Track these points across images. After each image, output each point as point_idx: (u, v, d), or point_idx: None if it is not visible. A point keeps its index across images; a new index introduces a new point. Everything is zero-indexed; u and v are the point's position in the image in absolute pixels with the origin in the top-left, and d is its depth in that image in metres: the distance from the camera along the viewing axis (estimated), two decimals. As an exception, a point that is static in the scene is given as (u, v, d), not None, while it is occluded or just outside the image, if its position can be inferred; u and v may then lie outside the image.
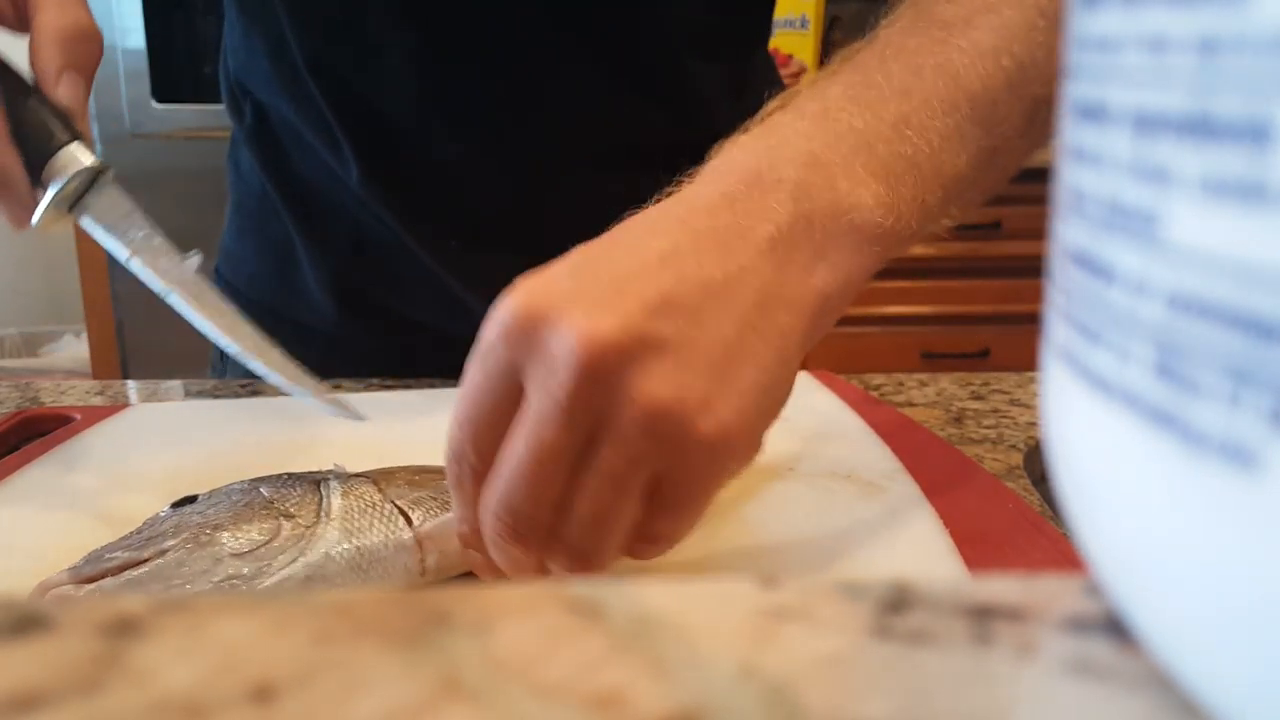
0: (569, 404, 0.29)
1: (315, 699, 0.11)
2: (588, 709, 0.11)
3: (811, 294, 0.32)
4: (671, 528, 0.32)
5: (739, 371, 0.30)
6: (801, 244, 0.32)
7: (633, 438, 0.29)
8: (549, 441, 0.29)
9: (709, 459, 0.30)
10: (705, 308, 0.30)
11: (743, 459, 0.32)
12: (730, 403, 0.30)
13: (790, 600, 0.14)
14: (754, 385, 0.31)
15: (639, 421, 0.29)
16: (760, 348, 0.31)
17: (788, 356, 0.32)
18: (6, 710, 0.11)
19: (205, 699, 0.11)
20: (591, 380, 0.29)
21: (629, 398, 0.29)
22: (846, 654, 0.12)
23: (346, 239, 0.68)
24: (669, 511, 0.31)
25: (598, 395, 0.29)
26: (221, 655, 0.12)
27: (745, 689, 0.12)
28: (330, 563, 0.34)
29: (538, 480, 0.30)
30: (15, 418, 0.55)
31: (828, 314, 0.33)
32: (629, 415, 0.29)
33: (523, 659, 0.12)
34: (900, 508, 0.40)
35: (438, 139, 0.62)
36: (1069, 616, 0.13)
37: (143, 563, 0.33)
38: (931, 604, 0.14)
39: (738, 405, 0.30)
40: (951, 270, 1.98)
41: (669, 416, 0.29)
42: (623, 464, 0.29)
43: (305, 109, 0.64)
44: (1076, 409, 0.12)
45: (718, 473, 0.31)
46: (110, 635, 0.12)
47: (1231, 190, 0.10)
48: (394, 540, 0.35)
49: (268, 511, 0.36)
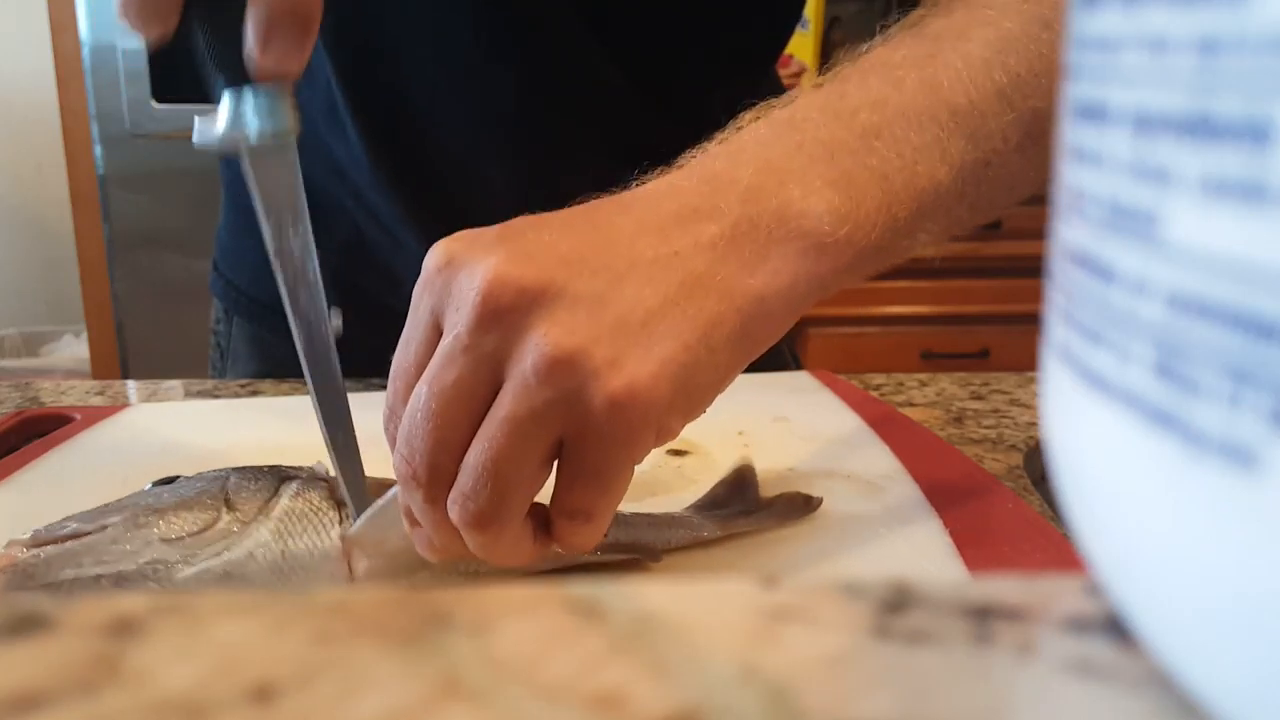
0: (469, 341, 0.29)
1: (315, 699, 0.11)
2: (588, 709, 0.11)
3: (747, 291, 0.32)
4: (587, 501, 0.31)
5: (656, 340, 0.30)
6: (744, 244, 0.32)
7: (533, 385, 0.29)
8: (449, 380, 0.29)
9: (615, 421, 0.29)
10: (629, 276, 0.30)
11: (653, 432, 0.30)
12: (642, 366, 0.29)
13: (790, 600, 0.14)
14: (672, 358, 0.30)
15: (539, 368, 0.28)
16: (683, 325, 0.30)
17: (714, 344, 0.31)
18: (6, 710, 0.11)
19: (205, 699, 0.11)
20: (494, 318, 0.29)
21: (530, 343, 0.29)
22: (846, 654, 0.12)
23: (346, 238, 0.68)
24: (580, 482, 0.30)
25: (500, 336, 0.29)
26: (221, 655, 0.12)
27: (745, 689, 0.12)
28: (251, 562, 0.34)
29: (438, 420, 0.29)
30: (15, 418, 0.55)
31: (766, 317, 0.32)
32: (530, 361, 0.29)
33: (523, 659, 0.12)
34: (900, 508, 0.40)
35: (446, 124, 0.62)
36: (1069, 616, 0.13)
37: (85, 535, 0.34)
38: (931, 604, 0.14)
39: (651, 371, 0.29)
40: (951, 270, 1.98)
41: (571, 366, 0.28)
42: (522, 412, 0.29)
43: (314, 91, 0.64)
44: (1076, 409, 0.12)
45: (625, 441, 0.30)
46: (110, 635, 0.12)
47: (1231, 190, 0.10)
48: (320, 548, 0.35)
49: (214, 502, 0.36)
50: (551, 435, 0.30)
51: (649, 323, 0.30)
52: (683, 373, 0.30)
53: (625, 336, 0.29)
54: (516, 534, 0.31)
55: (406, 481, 0.31)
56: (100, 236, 2.10)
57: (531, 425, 0.29)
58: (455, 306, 0.30)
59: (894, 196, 0.34)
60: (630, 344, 0.29)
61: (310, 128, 0.66)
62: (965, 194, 0.37)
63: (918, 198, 0.35)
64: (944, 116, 0.36)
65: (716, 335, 0.31)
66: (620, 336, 0.29)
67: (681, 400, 0.31)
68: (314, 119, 0.65)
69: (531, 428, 0.29)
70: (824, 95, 0.37)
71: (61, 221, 2.30)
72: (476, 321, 0.29)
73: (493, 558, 0.31)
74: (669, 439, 0.32)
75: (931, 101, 0.36)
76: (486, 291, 0.29)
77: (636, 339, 0.30)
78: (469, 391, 0.29)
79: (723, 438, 0.49)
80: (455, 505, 0.30)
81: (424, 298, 0.31)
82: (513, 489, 0.30)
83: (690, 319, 0.30)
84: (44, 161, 2.54)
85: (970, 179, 0.36)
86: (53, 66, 2.04)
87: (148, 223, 2.07)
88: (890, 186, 0.34)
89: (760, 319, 0.32)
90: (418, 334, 0.31)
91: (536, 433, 0.29)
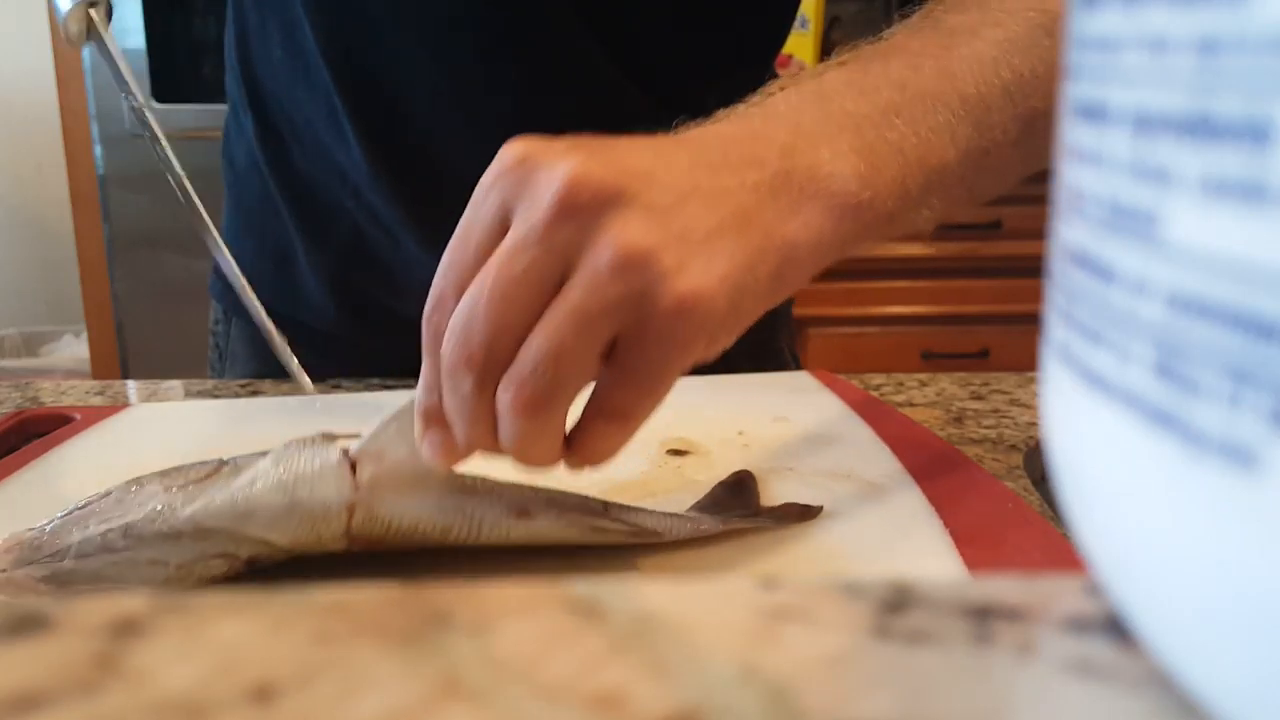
0: (544, 232, 0.30)
1: (315, 699, 0.11)
2: (588, 709, 0.11)
3: (785, 235, 0.34)
4: (629, 402, 0.32)
5: (715, 256, 0.31)
6: (781, 194, 0.34)
7: (603, 279, 0.30)
8: (519, 267, 0.30)
9: (676, 323, 0.30)
10: (691, 197, 0.32)
11: (706, 341, 0.32)
12: (706, 276, 0.31)
13: (790, 600, 0.14)
14: (728, 275, 0.31)
15: (612, 262, 0.30)
16: (736, 249, 0.32)
17: (758, 275, 0.33)
18: (6, 710, 0.11)
19: (205, 699, 0.11)
20: (572, 212, 0.30)
21: (606, 239, 0.30)
22: (846, 654, 0.12)
23: (347, 239, 0.68)
24: (628, 381, 0.31)
25: (575, 231, 0.30)
26: (221, 655, 0.12)
27: (745, 689, 0.12)
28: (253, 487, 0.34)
29: (502, 304, 0.30)
30: (15, 418, 0.55)
31: (795, 264, 0.34)
32: (603, 255, 0.30)
33: (523, 659, 0.12)
34: (900, 508, 0.40)
35: (445, 127, 0.62)
36: (1069, 616, 0.13)
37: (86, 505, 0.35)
38: (931, 604, 0.14)
39: (713, 282, 0.31)
40: (951, 270, 1.98)
41: (642, 262, 0.30)
42: (591, 304, 0.30)
43: (314, 94, 0.64)
44: (1076, 409, 0.12)
45: (682, 343, 0.31)
46: (110, 635, 0.12)
47: (1231, 190, 0.10)
48: (323, 462, 0.34)
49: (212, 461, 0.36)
50: (612, 330, 0.31)
51: (709, 240, 0.32)
52: (735, 292, 0.32)
53: (689, 248, 0.31)
54: (555, 430, 0.32)
55: (458, 365, 0.31)
56: (100, 236, 2.10)
57: (598, 317, 0.30)
58: (530, 200, 0.31)
59: (908, 170, 0.37)
60: (693, 255, 0.31)
61: (310, 129, 0.66)
62: (966, 177, 0.39)
63: (928, 174, 0.38)
64: (955, 103, 0.38)
65: (760, 267, 0.33)
66: (685, 247, 0.31)
67: (732, 318, 0.32)
68: (314, 121, 0.65)
69: (598, 319, 0.30)
70: (849, 72, 0.39)
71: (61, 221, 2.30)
72: (555, 214, 0.30)
73: (526, 453, 0.32)
74: (714, 353, 0.33)
75: (946, 88, 0.39)
76: (568, 187, 0.30)
77: (698, 252, 0.31)
78: (537, 280, 0.30)
79: (723, 438, 0.49)
80: (510, 389, 0.30)
81: (493, 191, 0.32)
82: (568, 379, 0.30)
83: (742, 246, 0.32)
84: (44, 161, 2.54)
85: (972, 164, 0.39)
86: (53, 66, 2.04)
87: (148, 223, 2.06)
88: (906, 160, 0.37)
89: (791, 264, 0.34)
90: (481, 226, 0.32)
91: (600, 325, 0.30)
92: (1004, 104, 0.39)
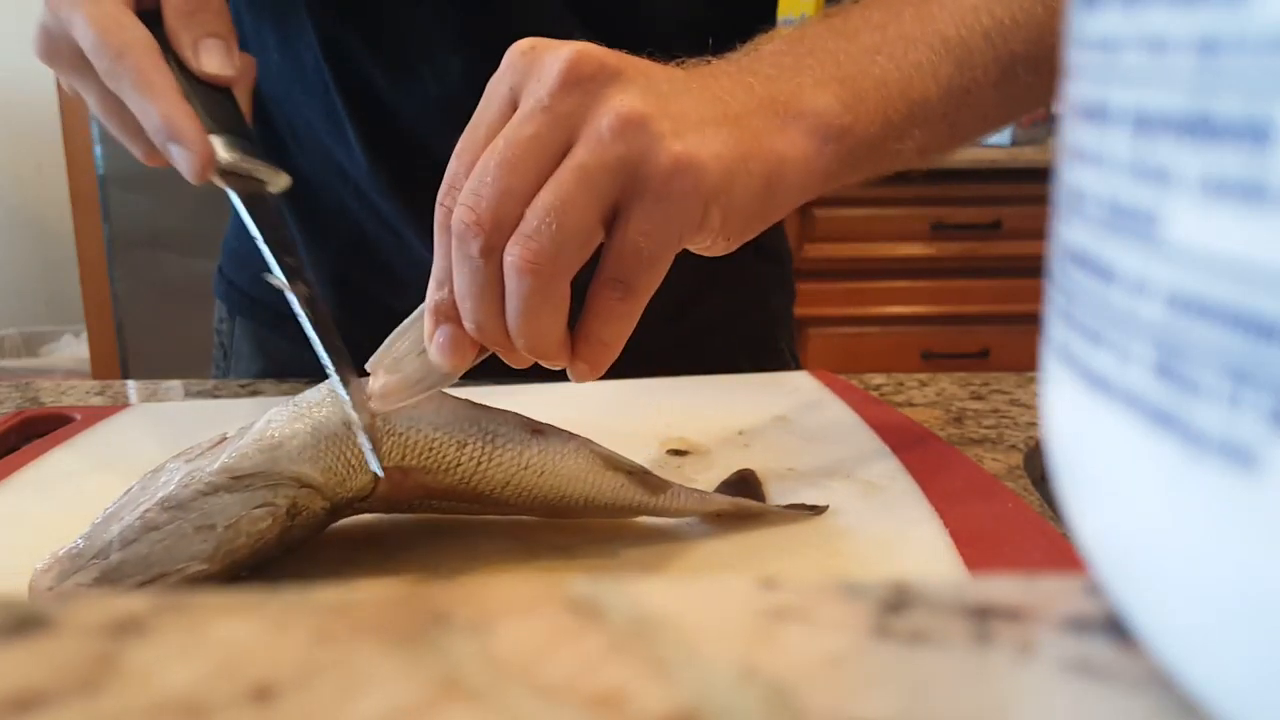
0: (550, 102, 0.33)
1: (315, 699, 0.11)
2: (588, 709, 0.11)
3: (774, 146, 0.36)
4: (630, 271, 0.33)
5: (709, 136, 0.34)
6: (767, 114, 0.37)
7: (606, 139, 0.32)
8: (526, 134, 0.33)
9: (672, 181, 0.32)
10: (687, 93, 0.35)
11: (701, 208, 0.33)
12: (701, 145, 0.33)
13: (790, 600, 0.14)
14: (722, 154, 0.34)
15: (613, 125, 0.32)
16: (729, 139, 0.34)
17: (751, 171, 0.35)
18: (6, 710, 0.11)
19: (205, 699, 0.11)
20: (575, 83, 0.33)
21: (608, 105, 0.33)
22: (846, 654, 0.12)
23: (347, 238, 0.68)
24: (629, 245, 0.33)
25: (579, 100, 0.33)
26: (221, 655, 0.12)
27: (745, 689, 0.12)
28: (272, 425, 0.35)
29: (508, 168, 0.32)
30: (15, 418, 0.55)
31: (782, 179, 0.36)
32: (605, 119, 0.32)
33: (523, 659, 0.12)
34: (900, 508, 0.40)
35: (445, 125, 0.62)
36: (1069, 616, 0.13)
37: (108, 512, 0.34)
38: (931, 604, 0.14)
39: (707, 152, 0.33)
40: (951, 270, 1.98)
41: (643, 126, 0.32)
42: (593, 162, 0.32)
43: (312, 96, 0.64)
44: (1076, 409, 0.12)
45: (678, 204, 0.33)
46: (110, 635, 0.12)
47: (1231, 190, 0.10)
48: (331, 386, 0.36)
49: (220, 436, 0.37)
50: (614, 191, 0.33)
51: (702, 126, 0.34)
52: (727, 174, 0.34)
53: (685, 125, 0.33)
54: (559, 300, 0.33)
55: (466, 231, 0.32)
56: (100, 236, 2.10)
57: (600, 175, 0.32)
58: (537, 78, 0.33)
59: (890, 101, 0.39)
60: (689, 130, 0.33)
61: (309, 130, 0.66)
62: (948, 114, 0.42)
63: (910, 105, 0.40)
64: (936, 43, 0.41)
65: (752, 164, 0.35)
66: (681, 124, 0.33)
67: (724, 195, 0.34)
68: (313, 122, 0.65)
69: (599, 178, 0.32)
70: (829, 20, 0.42)
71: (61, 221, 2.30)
72: (560, 85, 0.32)
73: (531, 332, 0.33)
74: (705, 236, 0.35)
75: (927, 30, 0.42)
76: (572, 61, 0.33)
77: (693, 130, 0.34)
78: (542, 146, 0.32)
79: (723, 438, 0.49)
80: (515, 246, 0.32)
81: (502, 81, 0.35)
82: (570, 237, 0.32)
83: (734, 139, 0.34)
84: (44, 161, 2.54)
85: (954, 101, 0.42)
86: (53, 66, 2.04)
87: (148, 223, 2.06)
88: (888, 93, 0.39)
89: (780, 178, 0.36)
90: (491, 111, 0.35)
91: (602, 182, 0.32)
92: (984, 47, 0.42)
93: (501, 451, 0.36)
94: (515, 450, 0.36)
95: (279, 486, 0.33)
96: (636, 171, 0.32)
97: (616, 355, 0.36)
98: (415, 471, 0.35)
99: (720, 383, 0.59)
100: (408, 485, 0.36)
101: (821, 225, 1.93)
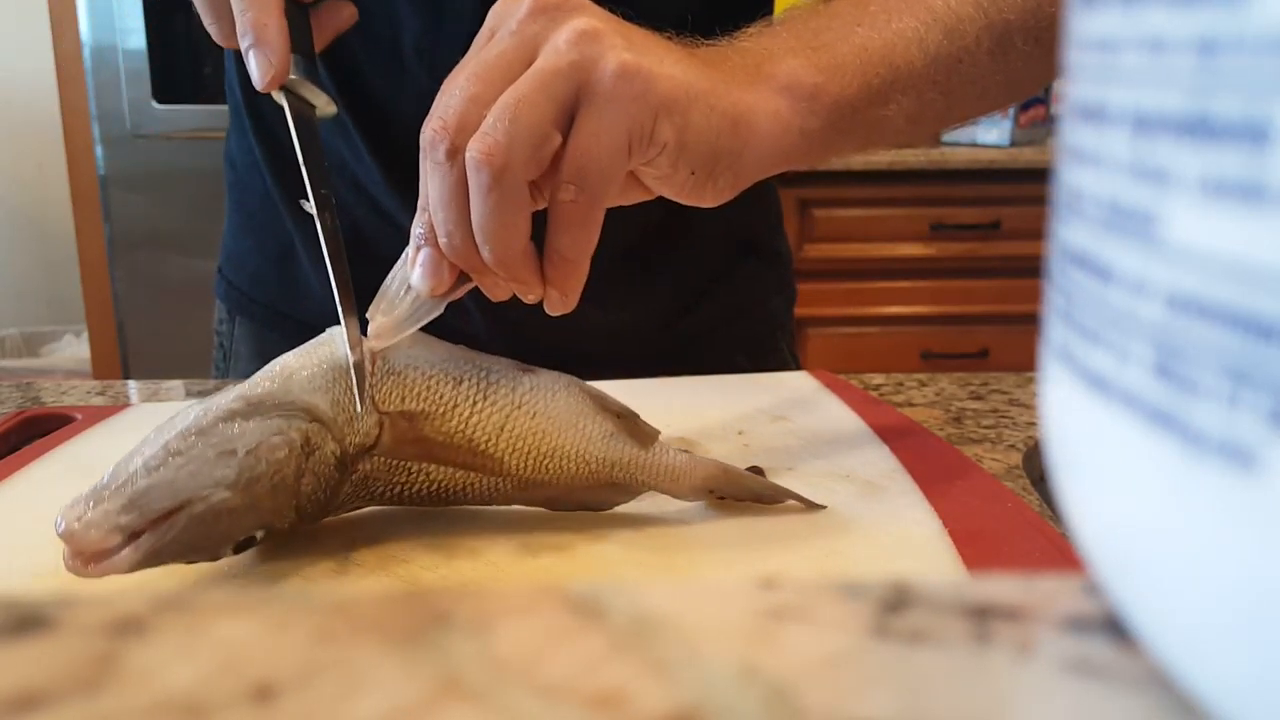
0: (517, 27, 0.36)
1: (315, 699, 0.11)
2: (588, 709, 0.11)
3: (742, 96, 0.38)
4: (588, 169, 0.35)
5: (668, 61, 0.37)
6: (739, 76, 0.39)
7: (561, 49, 0.35)
8: (494, 53, 0.36)
9: (621, 82, 0.35)
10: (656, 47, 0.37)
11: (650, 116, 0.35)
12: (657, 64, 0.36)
13: (790, 600, 0.14)
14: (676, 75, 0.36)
15: (569, 36, 0.35)
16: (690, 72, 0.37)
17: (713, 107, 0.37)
18: (6, 710, 0.11)
19: (205, 699, 0.11)
20: (542, 10, 0.36)
21: (569, 24, 0.35)
22: (846, 654, 0.12)
23: (347, 235, 0.67)
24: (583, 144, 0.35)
25: (544, 25, 0.36)
26: (221, 655, 0.12)
27: (745, 689, 0.12)
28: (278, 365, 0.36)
29: (473, 80, 0.35)
30: (16, 418, 0.55)
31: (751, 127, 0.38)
32: (563, 33, 0.35)
33: (523, 659, 0.12)
34: (900, 508, 0.40)
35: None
36: (1068, 616, 0.13)
37: None
38: (931, 604, 0.14)
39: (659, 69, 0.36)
40: (951, 270, 1.98)
41: (596, 37, 0.35)
42: (547, 67, 0.35)
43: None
44: (1076, 409, 0.12)
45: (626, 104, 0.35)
46: (110, 635, 0.12)
47: (1230, 190, 0.10)
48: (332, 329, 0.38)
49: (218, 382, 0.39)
50: (568, 94, 0.35)
51: (664, 56, 0.37)
52: (683, 95, 0.36)
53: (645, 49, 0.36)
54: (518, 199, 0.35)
55: (434, 138, 0.35)
56: (101, 237, 2.10)
57: (553, 78, 0.34)
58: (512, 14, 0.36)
59: (870, 65, 0.41)
60: (646, 53, 0.36)
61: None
62: (939, 81, 0.43)
63: (893, 70, 0.41)
64: (923, 13, 0.43)
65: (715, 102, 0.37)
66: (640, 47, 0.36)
67: (678, 115, 0.36)
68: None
69: (552, 80, 0.34)
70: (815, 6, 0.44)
71: (62, 222, 2.30)
72: (527, 14, 0.36)
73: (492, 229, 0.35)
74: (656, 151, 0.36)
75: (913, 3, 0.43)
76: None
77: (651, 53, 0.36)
78: (507, 63, 0.35)
79: (723, 438, 0.49)
80: (474, 143, 0.34)
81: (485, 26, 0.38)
82: (524, 131, 0.34)
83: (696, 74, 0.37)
84: (45, 162, 2.54)
85: (944, 69, 0.43)
86: (53, 66, 2.04)
87: (148, 223, 2.07)
88: (868, 57, 0.41)
89: (746, 125, 0.38)
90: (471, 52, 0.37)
91: (555, 86, 0.34)
92: (976, 15, 0.43)
93: (495, 388, 0.37)
94: (509, 387, 0.37)
95: (292, 418, 0.35)
96: (588, 76, 0.35)
97: (583, 278, 0.37)
98: (416, 417, 0.36)
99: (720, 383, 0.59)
100: (410, 436, 0.37)
101: (821, 225, 1.93)
